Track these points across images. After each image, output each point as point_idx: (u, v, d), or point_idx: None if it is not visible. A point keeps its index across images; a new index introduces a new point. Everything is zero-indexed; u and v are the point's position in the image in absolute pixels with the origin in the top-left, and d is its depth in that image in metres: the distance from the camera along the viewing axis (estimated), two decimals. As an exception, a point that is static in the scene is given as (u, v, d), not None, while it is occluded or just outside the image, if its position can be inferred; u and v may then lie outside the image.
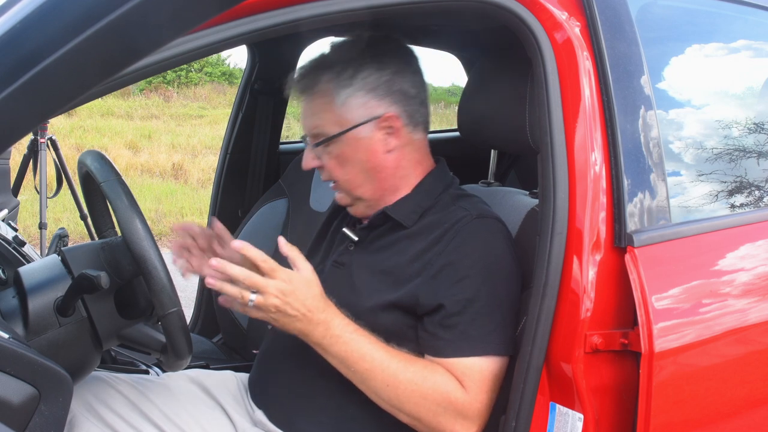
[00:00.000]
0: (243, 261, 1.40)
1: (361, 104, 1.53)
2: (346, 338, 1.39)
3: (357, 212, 1.63)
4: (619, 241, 1.38)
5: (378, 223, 1.60)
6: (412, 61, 1.61)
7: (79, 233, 6.26)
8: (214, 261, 1.32)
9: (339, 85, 1.53)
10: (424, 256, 1.49)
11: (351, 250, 1.62)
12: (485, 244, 1.48)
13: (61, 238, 1.90)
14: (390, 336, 1.46)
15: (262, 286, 1.33)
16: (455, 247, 1.47)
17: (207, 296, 2.77)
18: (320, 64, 1.57)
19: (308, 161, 1.59)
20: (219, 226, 1.69)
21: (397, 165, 1.58)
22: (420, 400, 1.39)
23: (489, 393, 1.42)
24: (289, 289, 1.35)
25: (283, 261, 1.43)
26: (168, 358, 1.40)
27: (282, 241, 1.38)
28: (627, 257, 1.36)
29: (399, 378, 1.39)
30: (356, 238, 1.61)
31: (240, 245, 1.33)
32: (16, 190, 4.64)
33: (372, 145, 1.55)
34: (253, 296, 1.34)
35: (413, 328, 1.48)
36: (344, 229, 1.64)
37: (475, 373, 1.41)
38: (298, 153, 2.72)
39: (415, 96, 1.58)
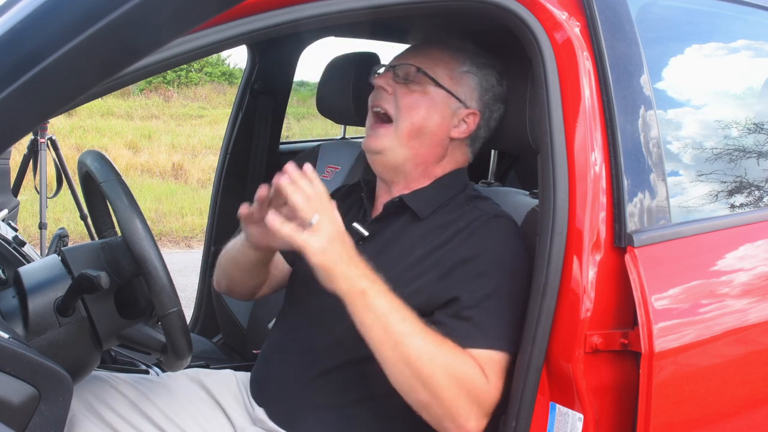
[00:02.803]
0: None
1: (469, 87, 1.62)
2: (391, 295, 1.34)
3: (384, 164, 1.61)
4: (619, 241, 1.38)
5: (392, 211, 1.60)
6: (505, 102, 1.68)
7: (79, 233, 6.26)
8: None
9: (468, 60, 1.63)
10: (436, 253, 1.49)
11: (361, 245, 1.61)
12: (503, 242, 1.49)
13: (61, 238, 1.90)
14: None
15: (323, 209, 1.31)
16: (472, 244, 1.47)
17: (207, 296, 2.77)
18: (462, 34, 1.66)
19: (384, 81, 1.59)
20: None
21: (444, 153, 1.63)
22: (449, 377, 1.33)
23: (502, 387, 1.40)
24: (340, 226, 1.34)
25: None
26: (168, 358, 1.40)
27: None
28: (627, 257, 1.36)
29: (435, 349, 1.34)
30: (366, 234, 1.61)
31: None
32: (16, 190, 4.64)
33: (448, 118, 1.60)
34: (315, 217, 1.30)
35: None
36: (354, 224, 1.63)
37: (494, 364, 1.39)
38: (298, 153, 2.73)
39: (491, 129, 1.67)
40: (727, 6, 1.86)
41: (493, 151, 1.94)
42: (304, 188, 1.32)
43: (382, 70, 1.65)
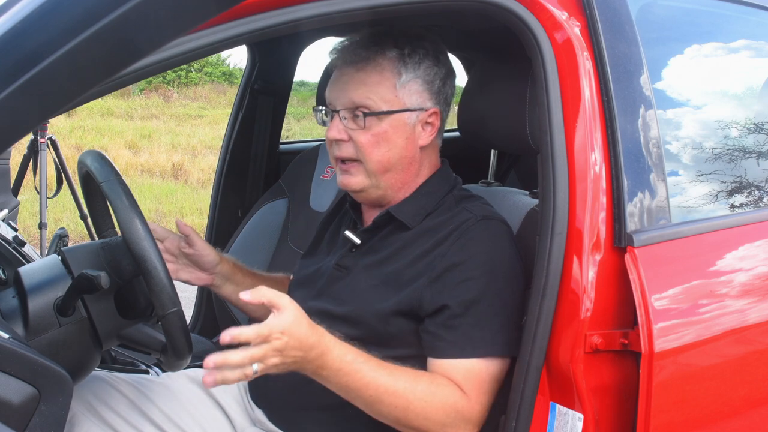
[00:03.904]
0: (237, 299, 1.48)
1: (417, 91, 1.55)
2: (346, 370, 1.34)
3: (367, 198, 1.60)
4: (619, 241, 1.38)
5: (382, 224, 1.59)
6: (453, 70, 1.64)
7: (79, 233, 6.25)
8: (212, 361, 1.23)
9: (404, 66, 1.53)
10: (426, 257, 1.49)
11: (353, 253, 1.61)
12: (490, 246, 1.48)
13: (61, 238, 1.90)
14: (391, 340, 1.46)
15: (261, 356, 1.26)
16: (459, 249, 1.47)
17: (207, 296, 2.77)
18: (385, 38, 1.56)
19: (337, 132, 1.53)
20: (183, 225, 1.67)
21: (421, 162, 1.59)
22: (430, 415, 1.38)
23: (488, 395, 1.42)
24: (282, 343, 1.27)
25: (283, 261, 1.42)
26: (168, 358, 1.40)
27: (249, 294, 1.27)
28: (627, 257, 1.36)
29: (408, 398, 1.37)
30: (358, 241, 1.60)
31: (230, 338, 1.24)
32: (16, 190, 4.64)
33: (412, 134, 1.55)
34: (255, 367, 1.26)
35: (414, 334, 1.48)
36: (346, 232, 1.63)
37: (474, 377, 1.41)
38: (298, 153, 2.73)
39: (450, 104, 1.63)
40: (727, 6, 1.86)
41: (493, 151, 1.93)
42: (229, 358, 1.24)
43: (326, 118, 1.59)
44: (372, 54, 1.53)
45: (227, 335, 1.22)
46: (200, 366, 1.92)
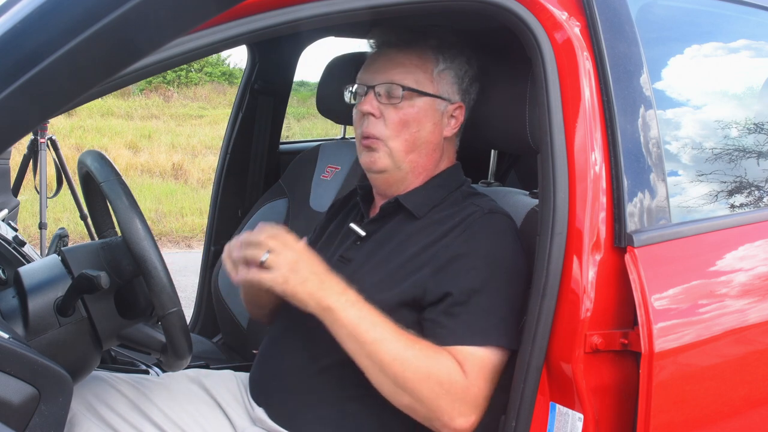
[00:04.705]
0: None
1: (449, 82, 1.63)
2: (360, 304, 1.40)
3: (386, 181, 1.62)
4: (619, 241, 1.38)
5: (389, 212, 1.61)
6: (479, 77, 1.69)
7: (79, 233, 6.26)
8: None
9: (442, 55, 1.62)
10: (431, 248, 1.50)
11: (358, 245, 1.62)
12: (494, 239, 1.49)
13: (61, 238, 1.90)
14: None
15: (275, 245, 1.39)
16: (465, 240, 1.48)
17: (207, 296, 2.77)
18: (427, 28, 1.64)
19: (370, 106, 1.57)
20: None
21: (442, 152, 1.65)
22: (424, 379, 1.37)
23: (488, 382, 1.41)
24: (299, 250, 1.41)
25: None
26: (168, 358, 1.41)
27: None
28: (627, 257, 1.36)
29: (407, 352, 1.38)
30: (363, 233, 1.61)
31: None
32: (16, 190, 4.64)
33: (439, 121, 1.61)
34: (265, 255, 1.39)
35: (417, 324, 1.48)
36: (351, 225, 1.64)
37: (475, 359, 1.40)
38: (298, 153, 2.73)
39: (471, 108, 1.68)
40: (728, 6, 1.86)
41: (493, 151, 1.94)
42: (245, 238, 1.43)
43: (356, 94, 1.63)
44: (415, 38, 1.61)
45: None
46: (200, 366, 1.93)
